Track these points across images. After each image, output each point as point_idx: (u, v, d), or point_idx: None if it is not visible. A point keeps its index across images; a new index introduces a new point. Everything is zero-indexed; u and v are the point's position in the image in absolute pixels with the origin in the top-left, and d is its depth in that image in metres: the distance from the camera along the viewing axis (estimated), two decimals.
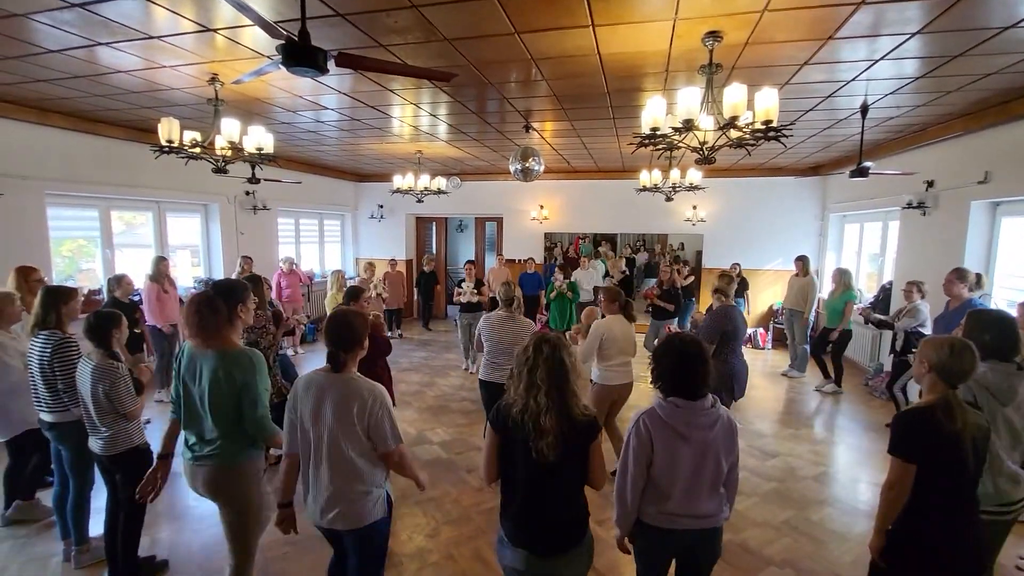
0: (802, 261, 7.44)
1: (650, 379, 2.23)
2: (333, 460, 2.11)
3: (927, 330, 5.06)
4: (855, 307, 6.58)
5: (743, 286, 8.44)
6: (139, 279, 7.16)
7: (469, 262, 8.30)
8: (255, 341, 3.97)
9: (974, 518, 2.06)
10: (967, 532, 2.03)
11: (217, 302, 2.33)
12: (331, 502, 2.12)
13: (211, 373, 2.26)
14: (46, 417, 3.06)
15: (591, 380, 4.17)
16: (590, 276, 8.68)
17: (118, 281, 5.22)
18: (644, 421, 2.02)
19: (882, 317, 5.82)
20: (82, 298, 3.87)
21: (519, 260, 9.35)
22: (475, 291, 7.60)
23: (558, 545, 1.97)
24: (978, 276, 4.62)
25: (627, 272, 8.75)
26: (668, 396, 2.04)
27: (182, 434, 2.48)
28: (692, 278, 8.67)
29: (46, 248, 5.74)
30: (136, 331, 4.86)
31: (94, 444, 2.87)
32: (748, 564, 3.26)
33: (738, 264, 8.45)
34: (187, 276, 7.91)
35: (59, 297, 3.04)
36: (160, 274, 6.05)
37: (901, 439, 2.03)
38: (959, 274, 4.50)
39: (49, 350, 2.94)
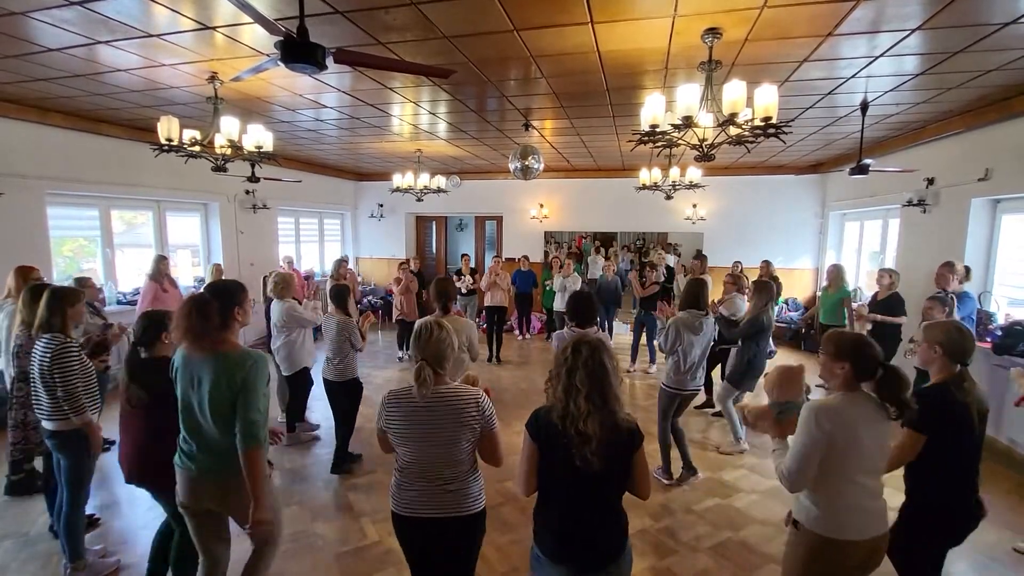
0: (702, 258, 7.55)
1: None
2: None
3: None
4: (854, 304, 6.55)
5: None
6: (139, 279, 7.19)
7: (464, 255, 9.30)
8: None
9: (976, 478, 2.33)
10: (974, 491, 2.31)
11: (210, 305, 2.21)
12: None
13: (211, 379, 2.16)
14: (47, 425, 2.91)
15: (793, 520, 2.12)
16: (574, 281, 8.33)
17: (82, 285, 4.38)
18: (558, 338, 3.05)
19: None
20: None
21: (518, 259, 9.33)
22: (471, 280, 8.73)
23: (599, 561, 1.88)
24: (967, 269, 4.82)
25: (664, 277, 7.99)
26: (570, 325, 3.23)
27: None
28: (656, 287, 7.49)
29: (46, 248, 5.74)
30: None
31: None
32: (748, 561, 3.25)
33: (739, 262, 8.42)
34: (187, 275, 7.92)
35: (65, 299, 2.92)
36: (160, 273, 6.04)
37: (919, 415, 2.14)
38: (950, 267, 4.72)
39: (49, 355, 2.78)
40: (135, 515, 3.70)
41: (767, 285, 4.78)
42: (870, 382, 1.99)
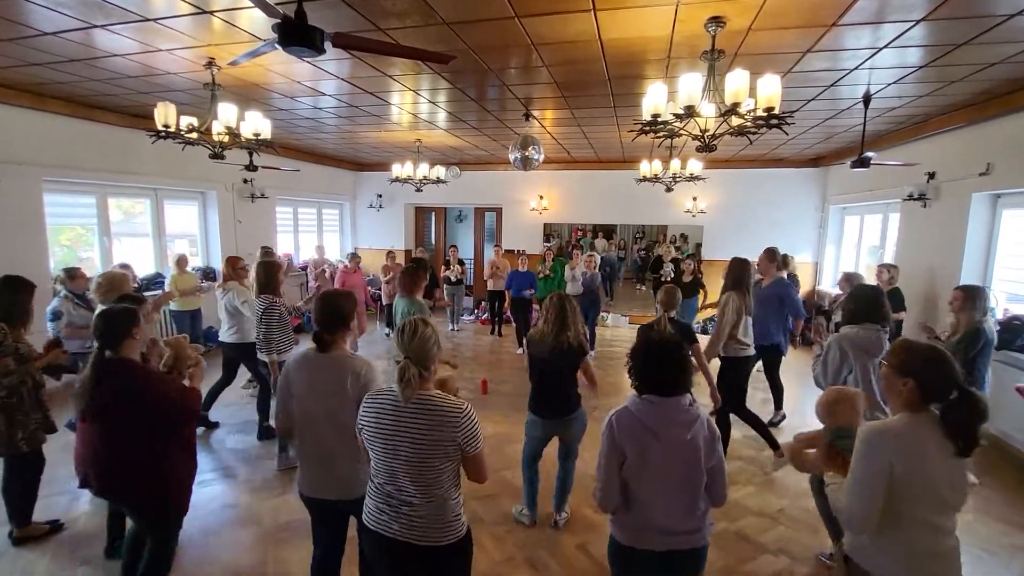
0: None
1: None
2: (326, 433, 2.22)
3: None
4: None
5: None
6: (135, 269, 7.15)
7: (452, 246, 9.57)
8: None
9: None
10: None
11: (418, 272, 4.18)
12: (324, 473, 2.25)
13: (403, 312, 3.91)
14: (263, 357, 4.24)
15: (844, 554, 1.89)
16: (580, 268, 8.38)
17: (71, 275, 4.63)
18: (614, 420, 1.94)
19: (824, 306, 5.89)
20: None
21: (516, 251, 9.29)
22: (459, 270, 9.21)
23: (560, 414, 3.27)
24: (784, 257, 5.29)
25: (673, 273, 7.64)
26: (643, 393, 1.96)
27: None
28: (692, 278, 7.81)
29: (43, 235, 5.72)
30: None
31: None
32: (743, 551, 3.28)
33: (692, 259, 8.16)
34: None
35: (278, 269, 4.40)
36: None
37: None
38: (770, 255, 5.09)
39: (263, 310, 4.13)
40: None
41: (978, 291, 3.88)
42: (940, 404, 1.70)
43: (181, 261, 6.53)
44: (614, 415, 1.95)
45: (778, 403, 5.43)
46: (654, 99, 3.14)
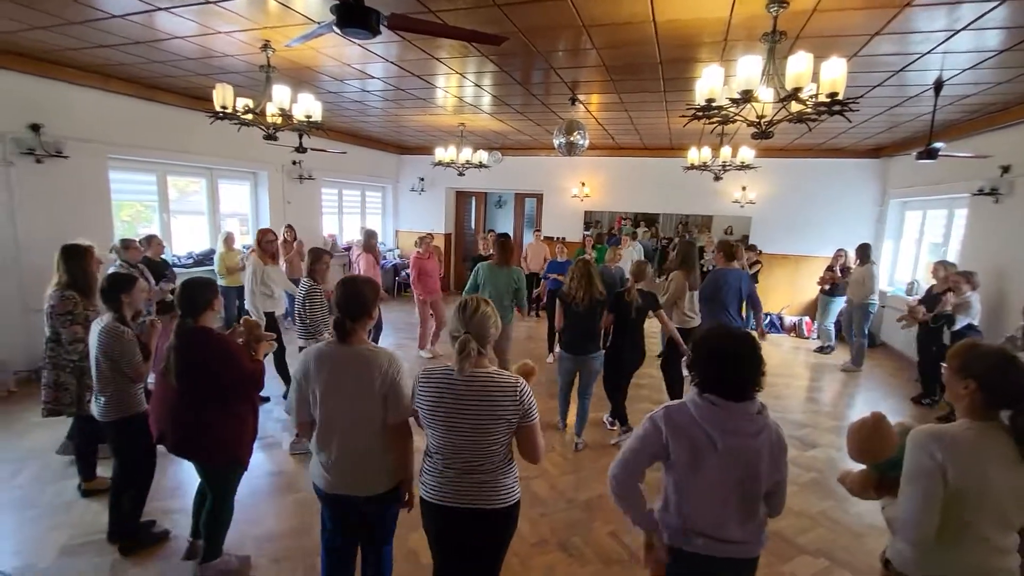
0: (863, 250, 7.09)
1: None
2: (350, 433, 2.10)
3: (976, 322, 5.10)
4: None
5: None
6: (196, 243, 7.48)
7: (490, 231, 9.62)
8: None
9: (636, 335, 4.56)
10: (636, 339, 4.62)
11: (509, 244, 5.22)
12: (347, 470, 2.13)
13: (505, 280, 5.07)
14: (300, 343, 4.11)
15: (885, 559, 1.85)
16: (629, 255, 8.36)
17: (148, 241, 5.35)
18: (662, 415, 1.73)
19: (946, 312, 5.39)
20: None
21: (556, 239, 9.18)
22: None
23: (585, 351, 4.27)
24: (742, 245, 5.69)
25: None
26: (704, 392, 1.72)
27: None
28: (760, 265, 8.23)
29: (108, 210, 6.03)
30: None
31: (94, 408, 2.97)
32: (781, 551, 3.20)
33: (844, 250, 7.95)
34: (237, 243, 8.17)
35: (323, 254, 4.19)
36: (372, 247, 6.58)
37: (610, 307, 4.39)
38: (720, 247, 5.21)
39: (303, 294, 3.99)
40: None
41: None
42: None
43: (228, 239, 6.78)
44: (665, 409, 1.76)
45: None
46: (709, 83, 3.03)
